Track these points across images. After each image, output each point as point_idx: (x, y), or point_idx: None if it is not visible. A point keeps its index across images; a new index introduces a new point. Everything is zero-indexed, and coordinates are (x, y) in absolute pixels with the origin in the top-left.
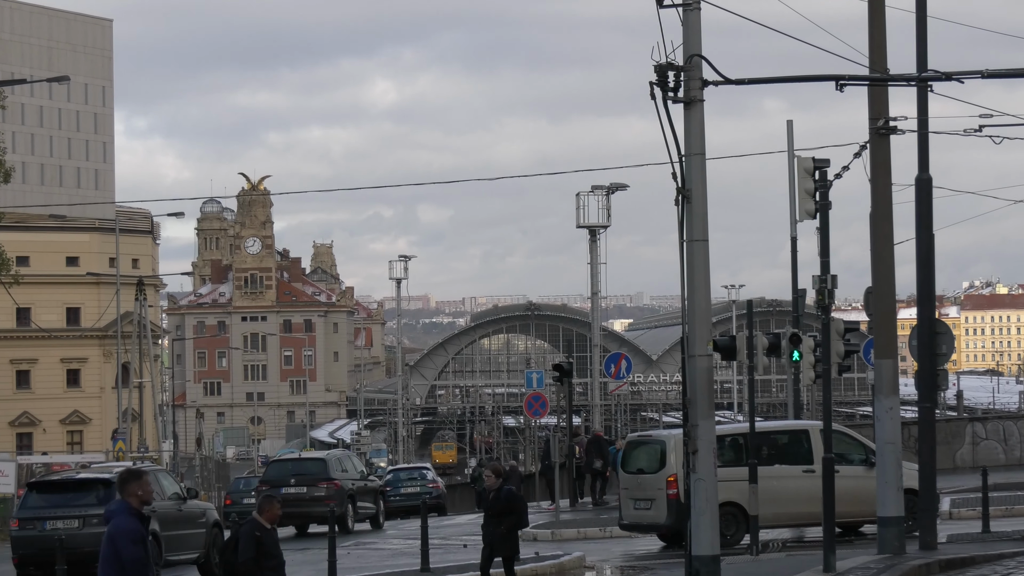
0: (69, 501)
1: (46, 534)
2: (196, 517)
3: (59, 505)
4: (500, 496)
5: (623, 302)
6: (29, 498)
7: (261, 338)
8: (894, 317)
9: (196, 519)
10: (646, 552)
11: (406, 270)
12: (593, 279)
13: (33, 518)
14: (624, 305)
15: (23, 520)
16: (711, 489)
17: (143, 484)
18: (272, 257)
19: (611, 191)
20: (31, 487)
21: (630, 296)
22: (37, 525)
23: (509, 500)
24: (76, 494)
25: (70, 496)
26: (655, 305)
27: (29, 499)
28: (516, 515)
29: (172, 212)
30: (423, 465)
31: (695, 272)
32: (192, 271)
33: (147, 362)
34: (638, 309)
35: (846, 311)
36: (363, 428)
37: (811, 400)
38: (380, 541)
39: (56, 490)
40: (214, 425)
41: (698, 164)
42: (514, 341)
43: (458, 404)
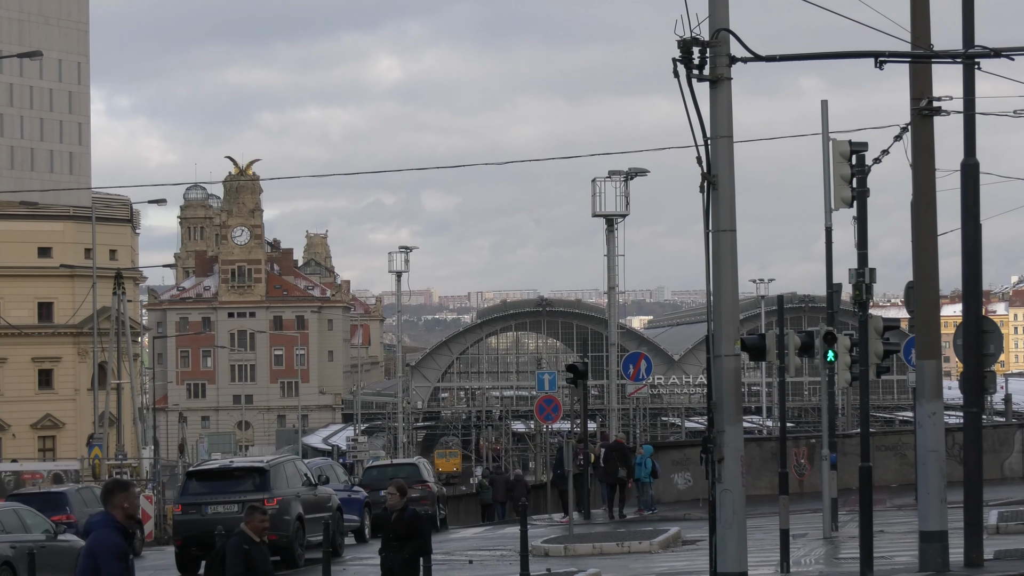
0: (228, 488)
1: (208, 518)
2: (324, 502)
3: (219, 491)
4: (404, 517)
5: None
6: (190, 485)
7: (249, 336)
8: (937, 314)
9: (325, 504)
10: (668, 570)
11: (407, 262)
12: (610, 272)
13: (195, 503)
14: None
15: (186, 505)
16: (739, 500)
17: (129, 496)
18: (261, 248)
19: (630, 177)
20: (191, 475)
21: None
22: (199, 509)
23: (413, 522)
24: (234, 481)
25: (229, 483)
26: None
27: (190, 486)
28: (420, 539)
29: (153, 199)
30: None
31: (721, 265)
32: (175, 263)
33: (126, 362)
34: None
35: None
36: (360, 434)
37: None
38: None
39: (215, 478)
40: (198, 430)
41: (724, 147)
42: (524, 340)
43: (463, 408)
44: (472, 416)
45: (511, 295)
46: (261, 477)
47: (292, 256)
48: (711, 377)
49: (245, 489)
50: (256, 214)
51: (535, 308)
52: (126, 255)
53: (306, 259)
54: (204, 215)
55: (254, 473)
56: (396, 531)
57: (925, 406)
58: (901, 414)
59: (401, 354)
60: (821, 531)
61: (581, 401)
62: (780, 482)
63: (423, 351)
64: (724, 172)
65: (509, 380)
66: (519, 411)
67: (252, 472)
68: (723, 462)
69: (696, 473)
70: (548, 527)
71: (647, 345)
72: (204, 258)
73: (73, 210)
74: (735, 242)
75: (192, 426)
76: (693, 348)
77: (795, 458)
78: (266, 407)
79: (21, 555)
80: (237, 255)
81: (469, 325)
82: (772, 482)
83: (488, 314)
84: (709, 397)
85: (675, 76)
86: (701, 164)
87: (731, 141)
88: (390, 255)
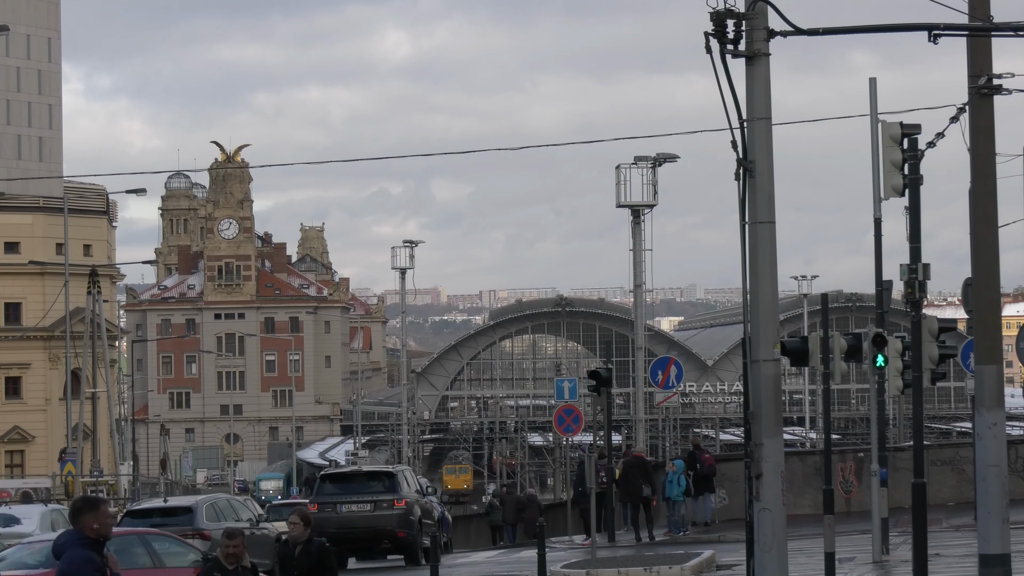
0: (360, 489)
1: (342, 515)
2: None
3: (352, 492)
4: (310, 550)
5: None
6: (324, 487)
7: (238, 339)
8: (998, 314)
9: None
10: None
11: (412, 258)
12: (636, 269)
13: (329, 502)
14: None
15: (321, 504)
16: (779, 520)
17: (100, 515)
18: (251, 242)
19: (658, 163)
20: (324, 478)
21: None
22: (334, 508)
23: (321, 555)
24: (366, 483)
25: (360, 485)
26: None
27: (324, 488)
28: (327, 573)
29: (132, 189)
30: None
31: (759, 260)
32: (155, 259)
33: (101, 368)
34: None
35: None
36: (360, 447)
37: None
38: None
39: (347, 480)
40: (182, 444)
41: (762, 130)
42: (541, 343)
43: (474, 419)
44: (484, 428)
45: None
46: (390, 480)
47: (285, 251)
48: (748, 384)
49: (375, 490)
50: (245, 205)
51: (554, 308)
52: (102, 250)
53: (301, 255)
54: (188, 206)
55: (383, 476)
56: (300, 566)
57: (985, 416)
58: (959, 425)
59: (406, 359)
60: (870, 555)
61: (604, 411)
62: (825, 500)
63: (430, 356)
64: (762, 157)
65: (525, 388)
66: (536, 422)
67: (381, 475)
68: (761, 478)
69: (732, 490)
70: (569, 550)
71: (677, 349)
72: (188, 254)
73: (43, 201)
74: (774, 235)
75: (175, 439)
76: (728, 352)
77: (841, 474)
78: (257, 418)
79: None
80: (224, 250)
81: (481, 327)
82: (816, 500)
83: (502, 315)
84: (746, 406)
85: (707, 52)
86: (736, 149)
87: (769, 123)
88: (393, 250)
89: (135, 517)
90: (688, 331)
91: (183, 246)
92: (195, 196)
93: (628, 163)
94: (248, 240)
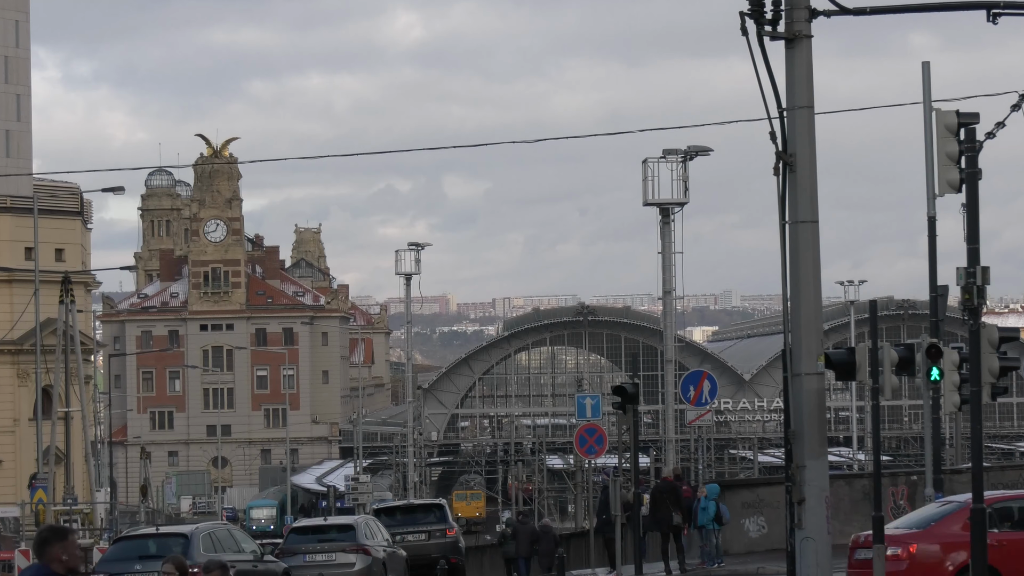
0: (413, 520)
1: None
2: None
3: (406, 524)
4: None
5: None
6: (380, 519)
7: (226, 353)
8: None
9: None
10: None
11: (418, 262)
12: (665, 273)
13: None
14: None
15: None
16: (823, 550)
17: (68, 546)
18: (240, 246)
19: (689, 156)
20: (379, 512)
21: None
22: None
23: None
24: (418, 515)
25: (413, 516)
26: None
27: (381, 519)
28: None
29: (109, 187)
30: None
31: (800, 263)
32: (135, 265)
33: (75, 385)
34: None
35: (1002, 314)
36: (361, 472)
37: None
38: None
39: (401, 512)
40: (164, 468)
41: (803, 120)
42: (561, 356)
43: (487, 440)
44: (498, 449)
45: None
46: (440, 511)
47: (278, 256)
48: (789, 400)
49: (429, 521)
50: (234, 204)
51: (575, 317)
52: (76, 255)
53: (295, 259)
54: (170, 206)
55: (434, 508)
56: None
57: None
58: (1022, 444)
59: (411, 374)
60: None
61: (631, 431)
62: (874, 528)
63: (438, 371)
64: (803, 150)
65: (543, 405)
66: (555, 443)
67: (432, 507)
68: (804, 504)
69: (772, 518)
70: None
71: (711, 362)
72: (170, 259)
73: (10, 201)
74: (817, 235)
75: (157, 463)
76: (767, 365)
77: (892, 499)
78: (247, 440)
79: None
80: (211, 254)
81: (494, 338)
82: (865, 528)
83: (517, 325)
84: (787, 425)
85: (743, 34)
86: (775, 141)
87: (811, 112)
88: (398, 253)
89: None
90: (723, 342)
91: (165, 250)
92: (179, 195)
93: (656, 157)
94: (237, 243)
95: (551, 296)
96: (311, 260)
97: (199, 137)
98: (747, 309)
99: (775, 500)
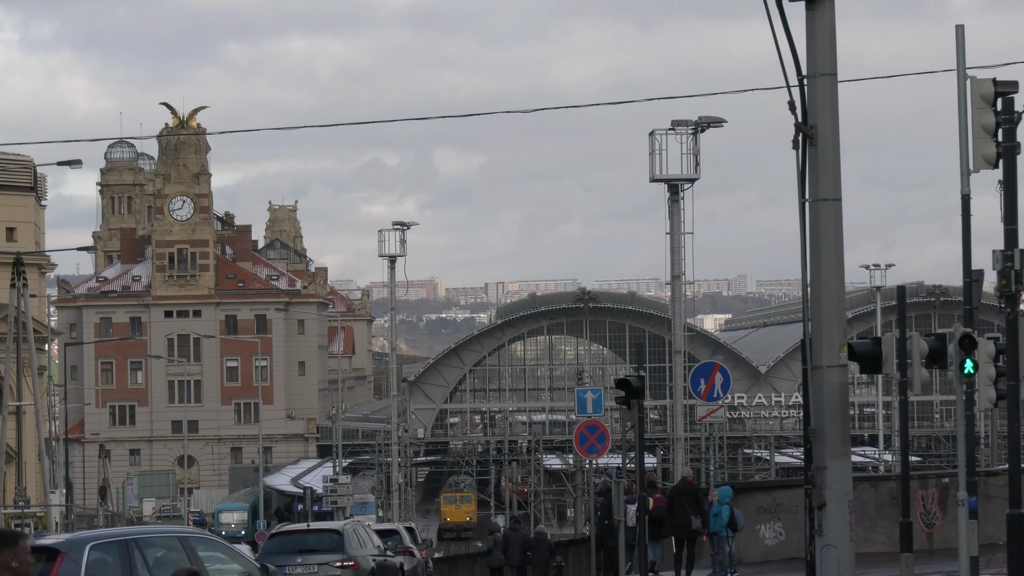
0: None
1: None
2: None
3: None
4: None
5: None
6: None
7: (193, 342)
8: None
9: None
10: None
11: (404, 243)
12: (674, 256)
13: None
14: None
15: None
16: (846, 559)
17: (19, 552)
18: (209, 225)
19: (700, 128)
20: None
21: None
22: None
23: None
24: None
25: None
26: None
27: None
28: None
29: (66, 160)
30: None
31: (822, 245)
32: (93, 245)
33: (28, 377)
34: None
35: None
36: (340, 472)
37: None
38: None
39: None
40: (125, 468)
41: (825, 89)
42: (559, 346)
43: (478, 437)
44: (491, 448)
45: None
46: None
47: (250, 236)
48: (808, 395)
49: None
50: (202, 180)
51: (575, 304)
52: (28, 234)
53: (269, 240)
54: (133, 181)
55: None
56: None
57: None
58: None
59: (396, 366)
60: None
61: (636, 428)
62: (902, 535)
63: (425, 362)
64: (825, 121)
65: (540, 400)
66: (553, 442)
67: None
68: (825, 509)
69: (790, 524)
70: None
71: (724, 353)
72: (132, 239)
73: None
74: (840, 215)
75: (117, 463)
76: (785, 357)
77: (922, 504)
78: (216, 437)
79: None
80: (176, 234)
81: (487, 327)
82: (891, 535)
83: (512, 312)
84: (806, 422)
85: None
86: (794, 111)
87: (834, 80)
88: (381, 234)
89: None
90: (737, 331)
91: (126, 229)
92: (141, 169)
93: (664, 128)
94: (205, 222)
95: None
96: (286, 241)
97: (164, 106)
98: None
99: (793, 505)
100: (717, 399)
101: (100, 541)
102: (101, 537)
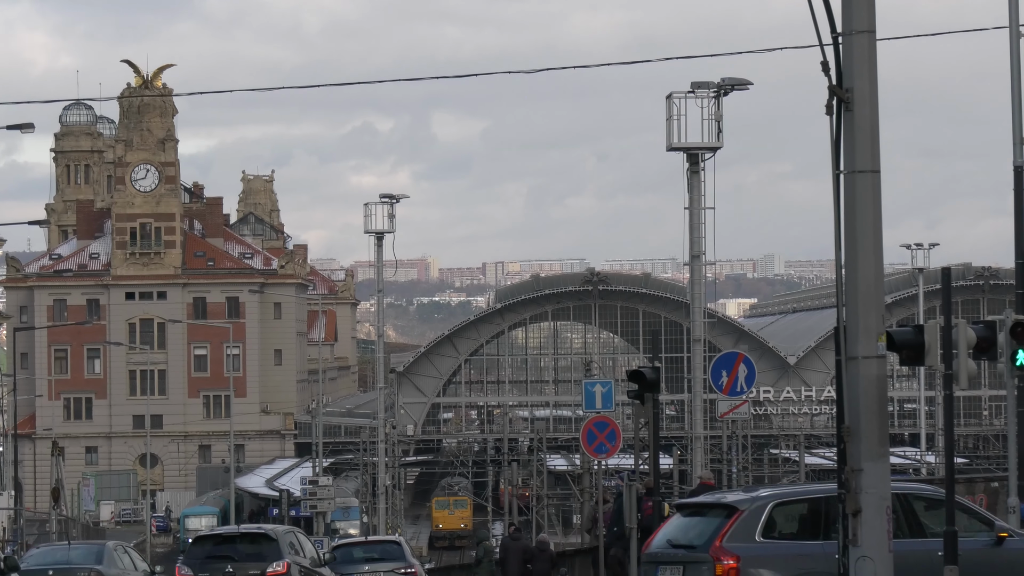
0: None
1: None
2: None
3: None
4: None
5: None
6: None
7: (157, 327)
8: None
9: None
10: None
11: (392, 218)
12: (694, 234)
13: None
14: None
15: None
16: (884, 572)
17: None
18: (176, 197)
19: (723, 91)
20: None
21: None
22: None
23: None
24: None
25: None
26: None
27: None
28: None
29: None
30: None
31: (858, 222)
32: (47, 219)
33: None
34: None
35: None
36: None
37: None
38: None
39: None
40: (81, 467)
41: (863, 48)
42: (565, 333)
43: (475, 435)
44: (489, 447)
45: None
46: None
47: (222, 209)
48: (842, 390)
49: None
50: (168, 146)
51: (583, 286)
52: None
53: (243, 213)
54: (91, 147)
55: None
56: None
57: None
58: None
59: (383, 355)
60: None
61: (650, 425)
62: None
63: (415, 350)
64: (862, 84)
65: (544, 394)
66: (558, 440)
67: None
68: (860, 516)
69: None
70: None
71: (749, 341)
72: (90, 211)
73: None
74: (879, 188)
75: (73, 461)
76: (816, 347)
77: None
78: (183, 433)
79: None
80: (139, 207)
81: (484, 311)
82: None
83: (513, 295)
84: (839, 419)
85: None
86: (828, 73)
87: (873, 38)
88: (367, 207)
89: None
90: (763, 318)
91: (83, 201)
92: (100, 134)
93: (683, 91)
94: (171, 193)
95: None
96: (262, 215)
97: (126, 64)
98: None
99: None
100: (741, 393)
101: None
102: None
